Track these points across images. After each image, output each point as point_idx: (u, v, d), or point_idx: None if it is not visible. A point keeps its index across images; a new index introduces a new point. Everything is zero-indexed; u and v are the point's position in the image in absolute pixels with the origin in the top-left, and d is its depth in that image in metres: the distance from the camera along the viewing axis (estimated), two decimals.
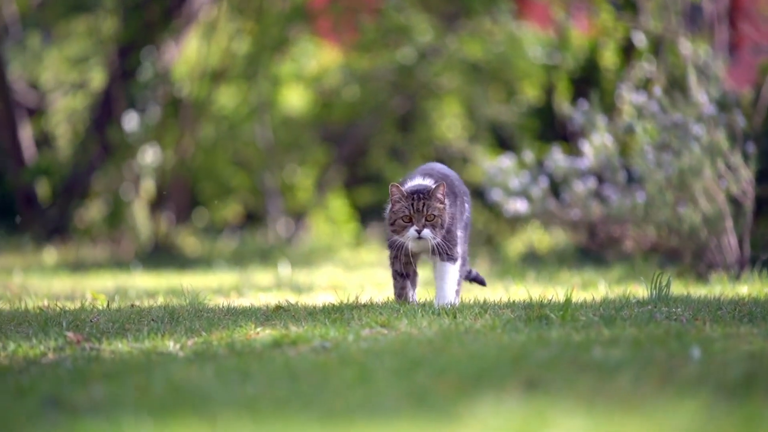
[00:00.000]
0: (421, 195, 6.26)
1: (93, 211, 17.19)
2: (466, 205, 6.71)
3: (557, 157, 11.42)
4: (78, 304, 7.93)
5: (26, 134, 17.40)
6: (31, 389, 4.23)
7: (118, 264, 14.53)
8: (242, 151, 18.35)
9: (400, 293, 6.68)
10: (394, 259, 6.56)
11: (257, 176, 18.97)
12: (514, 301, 7.11)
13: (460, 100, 17.70)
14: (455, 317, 6.15)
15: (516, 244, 15.77)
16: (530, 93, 16.95)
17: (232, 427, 3.23)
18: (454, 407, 3.55)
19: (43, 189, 17.37)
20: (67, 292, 9.78)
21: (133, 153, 16.90)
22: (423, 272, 7.93)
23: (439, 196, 6.27)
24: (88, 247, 16.46)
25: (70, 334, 5.74)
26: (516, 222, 15.17)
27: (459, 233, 6.50)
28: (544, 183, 11.50)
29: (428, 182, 6.37)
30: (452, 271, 6.48)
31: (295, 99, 18.62)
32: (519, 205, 11.44)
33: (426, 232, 6.26)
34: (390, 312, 6.79)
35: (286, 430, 3.20)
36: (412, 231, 6.27)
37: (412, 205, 6.25)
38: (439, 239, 6.30)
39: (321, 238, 18.25)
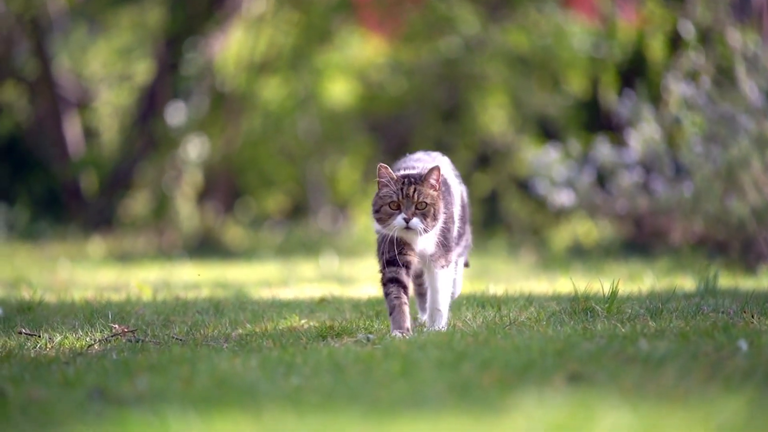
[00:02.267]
0: (413, 179, 5.41)
1: (138, 203, 17.29)
2: (462, 189, 5.92)
3: (603, 149, 11.35)
4: (123, 296, 7.97)
5: (71, 127, 17.52)
6: (77, 380, 4.25)
7: (163, 255, 14.61)
8: (287, 143, 18.39)
9: (394, 304, 5.51)
10: (380, 273, 5.59)
11: (302, 168, 19.00)
12: (559, 294, 7.08)
13: (505, 92, 17.64)
14: (500, 309, 6.13)
15: (561, 236, 15.71)
16: (576, 84, 16.86)
17: (276, 420, 3.23)
18: (498, 400, 3.54)
19: (88, 181, 17.48)
20: (112, 284, 9.84)
21: (179, 145, 16.98)
22: None
23: (433, 181, 5.42)
24: (133, 238, 16.55)
25: (115, 326, 5.78)
26: (561, 214, 15.10)
27: (454, 235, 5.66)
28: (590, 175, 11.43)
29: (422, 166, 5.59)
30: (446, 279, 5.57)
31: (339, 91, 18.62)
32: (564, 197, 11.38)
33: (415, 221, 5.36)
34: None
35: (331, 423, 3.20)
36: (399, 219, 5.37)
37: (402, 189, 5.38)
38: (431, 232, 5.43)
39: (365, 230, 18.25)
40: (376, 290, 8.35)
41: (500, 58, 16.93)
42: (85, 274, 11.43)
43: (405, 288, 5.50)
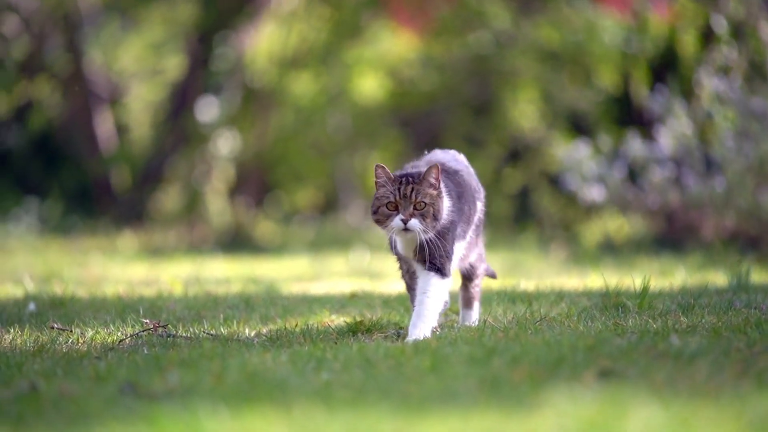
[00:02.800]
0: (411, 179, 5.15)
1: (169, 198, 17.36)
2: (479, 204, 5.57)
3: (635, 144, 11.30)
4: (154, 291, 8.00)
5: (103, 122, 17.59)
6: (108, 375, 4.27)
7: (194, 250, 14.65)
8: (318, 138, 18.41)
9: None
10: (400, 269, 5.50)
11: (332, 163, 19.02)
12: (590, 289, 7.05)
13: (536, 87, 17.59)
14: (530, 305, 6.11)
15: (592, 232, 15.65)
16: (607, 79, 16.80)
17: (306, 415, 3.23)
18: (529, 396, 3.53)
19: (119, 176, 17.56)
20: (143, 278, 9.88)
21: (210, 140, 17.03)
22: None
23: (432, 180, 5.14)
24: (164, 232, 16.61)
25: (147, 321, 5.80)
26: (592, 209, 15.05)
27: (460, 245, 5.37)
28: (621, 170, 11.39)
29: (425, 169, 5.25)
30: (438, 287, 5.21)
31: (370, 86, 18.63)
32: (595, 193, 11.35)
33: (414, 222, 5.10)
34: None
35: (361, 418, 3.20)
36: (396, 220, 5.12)
37: (399, 189, 5.13)
38: (431, 234, 5.12)
39: None
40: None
41: (531, 53, 16.89)
42: (116, 268, 11.48)
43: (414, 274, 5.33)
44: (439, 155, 5.61)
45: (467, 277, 5.68)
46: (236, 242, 16.08)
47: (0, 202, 17.32)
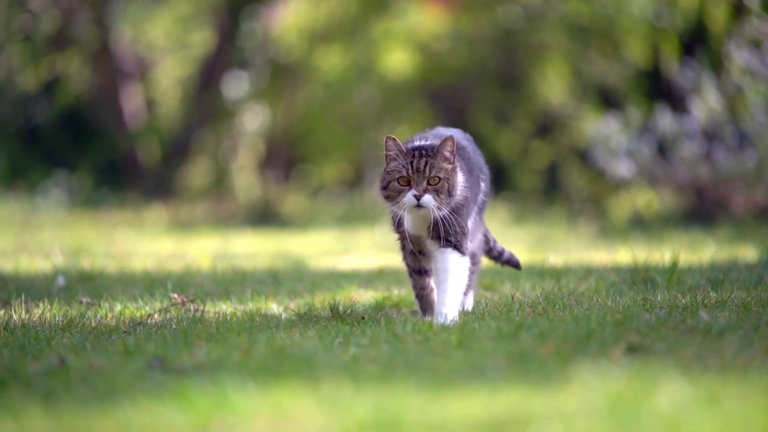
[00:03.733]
0: (424, 151, 4.83)
1: (197, 173, 17.40)
2: (482, 185, 5.24)
3: (664, 119, 11.24)
4: (182, 265, 8.03)
5: (131, 97, 17.63)
6: (137, 350, 4.29)
7: (222, 224, 14.69)
8: (346, 113, 18.39)
9: (420, 294, 5.10)
10: (402, 250, 5.11)
11: (360, 139, 19.00)
12: (618, 264, 7.03)
13: (565, 61, 17.50)
14: (559, 280, 6.09)
15: (621, 206, 15.59)
16: (636, 53, 16.69)
17: (334, 390, 3.23)
18: (557, 371, 3.52)
19: (147, 150, 17.61)
20: (171, 253, 9.91)
21: (237, 115, 17.05)
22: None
23: (447, 154, 4.83)
24: (192, 207, 16.66)
25: (175, 296, 5.81)
26: (621, 184, 14.99)
27: (470, 223, 5.02)
28: (650, 145, 11.33)
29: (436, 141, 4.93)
30: (459, 264, 4.90)
31: (398, 60, 18.57)
32: (624, 167, 11.29)
33: (428, 198, 4.77)
34: (493, 275, 6.77)
35: (388, 394, 3.20)
36: (409, 196, 4.78)
37: (411, 163, 4.80)
38: (445, 211, 4.80)
39: None
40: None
41: (560, 27, 16.80)
42: (144, 242, 11.52)
43: (425, 271, 5.04)
44: (445, 130, 5.24)
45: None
46: (264, 217, 16.11)
47: (29, 175, 17.40)
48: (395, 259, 8.40)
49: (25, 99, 18.34)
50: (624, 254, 8.16)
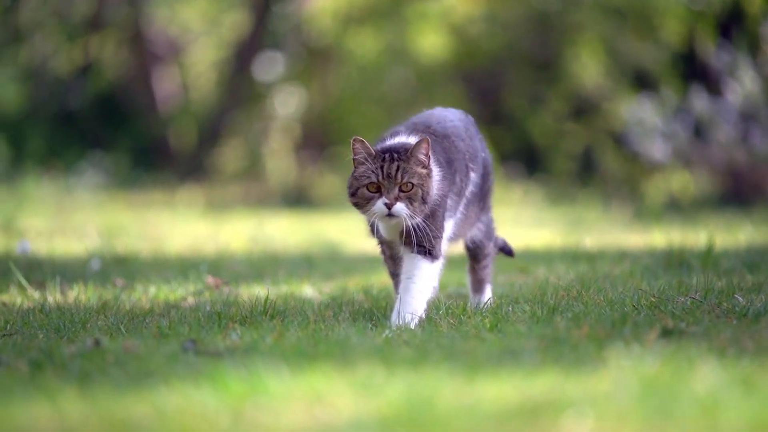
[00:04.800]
0: (396, 155, 4.42)
1: (231, 155, 17.44)
2: (472, 175, 4.78)
3: (700, 101, 11.17)
4: (217, 248, 8.05)
5: (164, 80, 17.68)
6: (171, 332, 4.30)
7: (256, 206, 14.72)
8: (380, 96, 18.37)
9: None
10: (382, 254, 4.79)
11: (394, 121, 18.99)
12: (654, 247, 6.99)
13: (600, 43, 17.40)
14: (593, 263, 6.07)
15: (656, 189, 15.51)
16: (672, 35, 16.58)
17: (367, 374, 3.23)
18: (591, 355, 3.51)
19: (181, 133, 17.67)
20: (205, 235, 9.94)
21: (271, 97, 17.08)
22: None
23: (421, 156, 4.43)
24: (226, 189, 16.71)
25: (209, 279, 5.83)
26: (656, 166, 14.91)
27: (447, 222, 4.64)
28: (686, 127, 11.27)
29: (412, 139, 4.55)
30: (425, 271, 4.52)
31: (432, 43, 18.53)
32: (659, 149, 11.24)
33: (399, 207, 4.38)
34: (529, 258, 6.75)
35: (421, 377, 3.20)
36: (379, 204, 4.40)
37: (382, 168, 4.40)
38: (418, 219, 4.42)
39: None
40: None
41: (596, 8, 16.71)
42: (178, 224, 11.57)
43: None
44: (436, 114, 4.84)
45: (473, 257, 5.00)
46: (298, 199, 16.14)
47: (64, 157, 17.49)
48: None
49: (61, 82, 18.44)
50: (659, 237, 8.12)
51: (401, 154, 4.42)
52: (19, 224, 10.00)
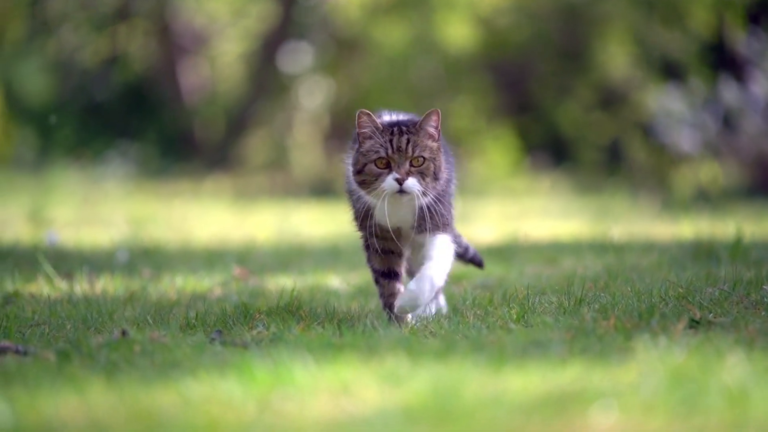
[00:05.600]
0: (404, 128, 4.20)
1: (258, 145, 17.48)
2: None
3: (728, 91, 11.11)
4: (243, 238, 8.06)
5: (191, 71, 17.73)
6: (198, 323, 4.31)
7: (282, 197, 14.74)
8: (407, 86, 18.36)
9: (389, 302, 4.33)
10: (366, 250, 4.42)
11: (422, 112, 18.98)
12: (682, 238, 6.96)
13: (628, 33, 17.33)
14: (620, 254, 6.05)
15: (684, 179, 15.45)
16: (700, 24, 16.49)
17: (393, 365, 3.23)
18: (617, 346, 3.49)
19: (208, 123, 17.72)
20: (232, 225, 9.96)
21: (298, 88, 17.10)
22: None
23: (431, 130, 4.22)
24: (253, 180, 16.74)
25: (235, 270, 5.84)
26: (684, 157, 14.84)
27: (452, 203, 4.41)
28: (714, 117, 11.21)
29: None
30: (447, 245, 4.27)
31: (459, 34, 18.50)
32: (688, 140, 11.19)
33: (411, 182, 4.11)
34: (556, 249, 6.73)
35: (448, 368, 3.19)
36: (389, 181, 4.12)
37: (391, 141, 4.15)
38: (431, 197, 4.17)
39: (488, 170, 18.18)
40: (496, 233, 8.31)
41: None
42: (205, 215, 11.60)
43: (399, 277, 4.35)
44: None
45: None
46: (325, 190, 16.16)
47: (92, 147, 17.56)
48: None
49: (88, 73, 18.53)
50: (687, 228, 8.08)
51: (410, 126, 4.20)
52: (47, 214, 10.05)
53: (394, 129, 4.18)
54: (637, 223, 9.73)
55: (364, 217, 4.27)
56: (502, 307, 4.37)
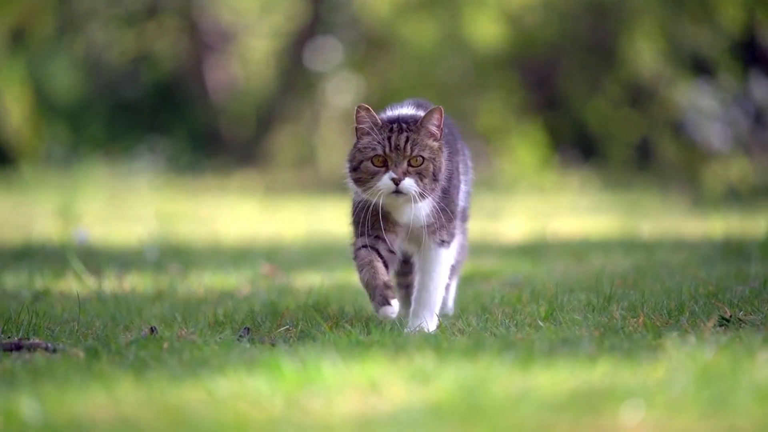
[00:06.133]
0: (404, 125, 3.98)
1: (286, 142, 17.52)
2: (469, 163, 4.45)
3: (760, 87, 11.05)
4: (271, 235, 8.07)
5: (219, 67, 17.78)
6: (226, 320, 4.32)
7: (312, 193, 14.76)
8: (436, 84, 18.35)
9: (384, 294, 3.97)
10: (359, 257, 4.07)
11: (450, 109, 18.96)
12: (712, 236, 6.93)
13: (657, 29, 17.26)
14: (650, 251, 6.03)
15: (714, 176, 15.37)
16: (730, 19, 16.39)
17: (421, 362, 3.23)
18: (646, 343, 3.48)
19: (236, 119, 17.77)
20: (259, 222, 9.98)
21: (328, 86, 17.13)
22: None
23: (433, 128, 4.00)
24: (282, 176, 16.77)
25: (263, 267, 5.84)
26: (715, 153, 14.76)
27: (459, 203, 4.19)
28: (745, 114, 11.15)
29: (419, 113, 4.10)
30: (445, 260, 4.09)
31: (488, 32, 18.47)
32: (718, 137, 11.14)
33: (408, 183, 3.91)
34: (586, 247, 6.71)
35: (476, 366, 3.19)
36: (385, 180, 3.92)
37: (389, 139, 3.95)
38: (430, 199, 3.98)
39: (516, 167, 18.15)
40: (525, 230, 8.29)
41: None
42: (232, 211, 11.62)
43: (382, 258, 4.03)
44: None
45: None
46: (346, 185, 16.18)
47: (122, 144, 17.64)
48: (483, 228, 8.35)
49: (117, 70, 18.62)
50: (717, 225, 8.04)
51: (410, 124, 3.98)
52: (77, 210, 10.10)
53: (393, 126, 3.98)
54: (667, 220, 9.69)
55: (364, 216, 4.01)
56: (530, 305, 4.36)
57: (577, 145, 17.39)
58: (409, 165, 3.92)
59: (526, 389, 2.88)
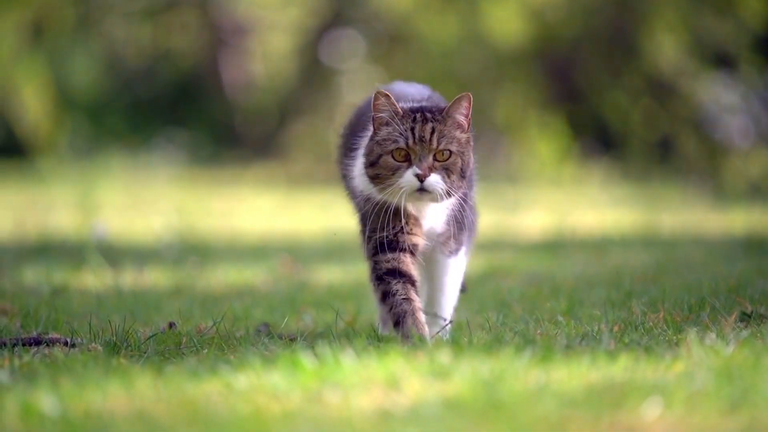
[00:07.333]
0: (429, 114, 3.54)
1: (304, 135, 17.55)
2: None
3: None
4: (290, 229, 8.08)
5: (238, 61, 17.80)
6: (245, 315, 4.32)
7: (330, 186, 14.76)
8: (458, 78, 18.32)
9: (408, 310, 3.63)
10: (379, 279, 3.71)
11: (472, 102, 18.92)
12: (733, 230, 6.90)
13: (678, 23, 17.20)
14: (671, 246, 6.01)
15: (735, 170, 15.31)
16: (752, 13, 16.32)
17: (438, 357, 3.22)
18: (668, 338, 3.46)
19: (252, 112, 17.81)
20: (276, 217, 9.98)
21: (346, 80, 17.14)
22: None
23: (461, 118, 3.56)
24: (301, 170, 16.79)
25: (282, 263, 5.84)
26: (736, 147, 14.70)
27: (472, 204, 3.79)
28: (766, 107, 11.10)
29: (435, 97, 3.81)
30: (456, 269, 3.76)
31: (510, 28, 18.45)
32: (740, 130, 11.09)
33: (434, 180, 3.48)
34: (604, 241, 6.69)
35: (494, 361, 3.17)
36: (408, 176, 3.49)
37: (413, 130, 3.51)
38: (455, 198, 3.57)
39: (536, 160, 18.13)
40: (544, 224, 8.27)
41: None
42: (250, 204, 11.63)
43: (413, 283, 3.63)
44: (405, 88, 4.03)
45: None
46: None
47: (141, 136, 17.68)
48: (502, 222, 8.34)
49: (135, 64, 18.68)
50: (738, 220, 8.01)
51: (435, 113, 3.54)
52: (96, 201, 10.12)
53: (416, 115, 3.53)
54: (688, 215, 9.66)
55: (384, 222, 3.61)
56: (550, 300, 4.35)
57: (597, 139, 17.36)
58: (435, 159, 3.50)
59: (545, 384, 2.87)
